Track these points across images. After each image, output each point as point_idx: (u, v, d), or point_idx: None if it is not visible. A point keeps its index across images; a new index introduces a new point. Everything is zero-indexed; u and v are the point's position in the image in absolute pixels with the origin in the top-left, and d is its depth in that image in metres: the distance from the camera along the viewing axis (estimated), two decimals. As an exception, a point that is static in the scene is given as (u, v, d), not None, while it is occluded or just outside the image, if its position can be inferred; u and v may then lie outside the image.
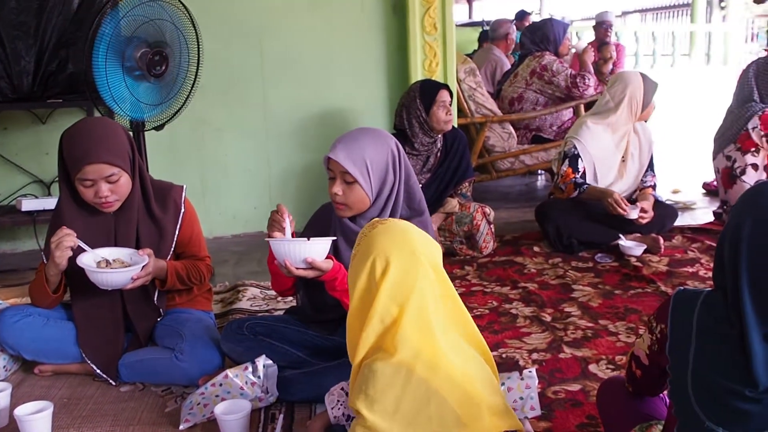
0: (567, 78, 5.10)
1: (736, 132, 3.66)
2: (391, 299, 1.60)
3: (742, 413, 1.42)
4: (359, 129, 2.34)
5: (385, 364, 1.56)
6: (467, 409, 1.59)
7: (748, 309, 1.41)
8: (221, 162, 4.37)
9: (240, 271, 3.83)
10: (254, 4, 4.24)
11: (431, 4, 4.30)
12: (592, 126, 3.96)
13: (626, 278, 3.48)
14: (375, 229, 1.66)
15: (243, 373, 2.29)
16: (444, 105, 3.80)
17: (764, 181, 1.49)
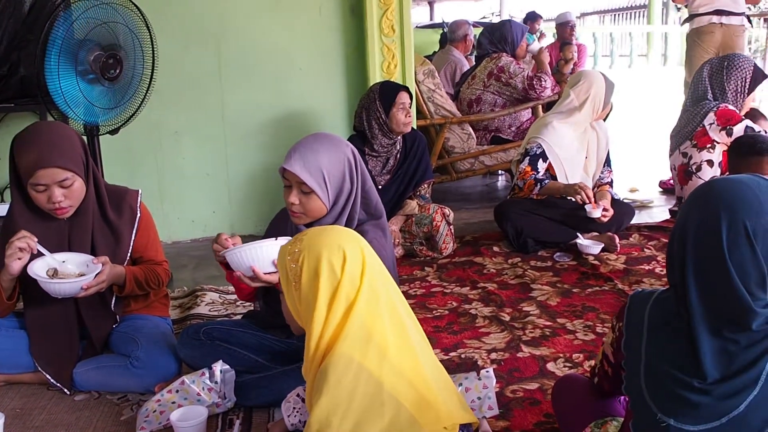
0: (524, 80, 5.14)
1: (692, 129, 3.73)
2: (351, 286, 1.60)
3: (692, 405, 1.45)
4: (315, 137, 2.30)
5: (338, 359, 1.55)
6: (420, 403, 1.59)
7: (695, 303, 1.44)
8: (179, 166, 4.32)
9: (199, 275, 3.79)
10: (211, 7, 4.20)
11: (389, 6, 4.30)
12: (557, 126, 4.00)
13: (584, 277, 3.52)
14: (305, 239, 1.65)
15: (200, 378, 2.28)
16: (404, 107, 3.81)
17: (714, 178, 1.52)
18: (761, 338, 1.42)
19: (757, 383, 1.41)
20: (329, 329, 1.59)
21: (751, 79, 3.68)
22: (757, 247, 1.40)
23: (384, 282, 1.67)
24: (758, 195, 1.43)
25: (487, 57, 5.34)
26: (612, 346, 1.66)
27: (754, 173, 2.77)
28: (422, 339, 1.72)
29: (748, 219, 1.40)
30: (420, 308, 3.19)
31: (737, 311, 1.41)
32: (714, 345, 1.43)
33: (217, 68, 4.26)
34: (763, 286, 1.44)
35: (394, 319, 1.64)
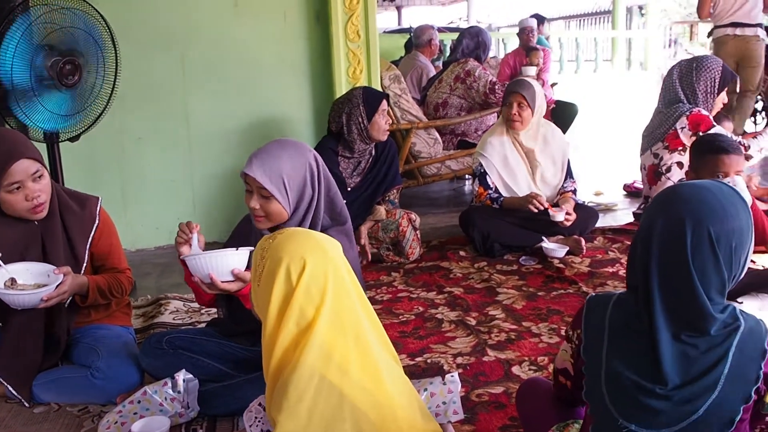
0: (486, 84, 5.17)
1: (664, 131, 3.76)
2: (307, 301, 1.58)
3: (653, 410, 1.45)
4: (278, 142, 2.29)
5: (299, 375, 1.54)
6: (383, 418, 1.58)
7: (658, 308, 1.44)
8: (143, 172, 4.27)
9: (163, 283, 3.75)
10: (175, 12, 4.17)
11: (354, 11, 4.30)
12: (492, 140, 4.06)
13: (549, 280, 3.54)
14: (277, 239, 1.64)
15: (162, 388, 2.25)
16: (384, 114, 3.83)
17: (678, 183, 1.53)
18: (720, 342, 1.44)
19: (716, 387, 1.42)
20: (282, 337, 1.57)
21: (720, 79, 3.70)
22: (719, 253, 1.42)
23: (351, 297, 1.65)
24: (721, 201, 1.45)
25: (455, 62, 5.37)
26: (571, 358, 1.64)
27: (713, 177, 2.83)
28: (387, 352, 1.71)
29: (712, 225, 1.41)
30: (386, 313, 3.18)
31: (697, 316, 1.43)
32: (674, 349, 1.44)
33: (181, 74, 4.22)
34: (722, 292, 1.46)
35: (359, 337, 1.62)
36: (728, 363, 1.42)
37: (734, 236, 1.43)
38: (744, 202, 1.49)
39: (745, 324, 1.46)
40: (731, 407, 1.44)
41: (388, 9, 19.62)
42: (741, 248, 1.45)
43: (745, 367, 1.44)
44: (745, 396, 1.44)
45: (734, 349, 1.43)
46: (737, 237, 1.44)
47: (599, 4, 17.97)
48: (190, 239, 2.23)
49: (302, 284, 1.57)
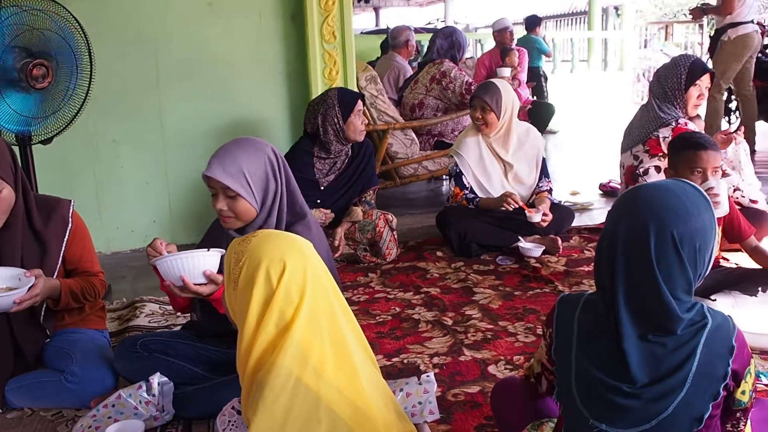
0: (462, 85, 5.19)
1: (646, 134, 3.72)
2: (287, 302, 1.57)
3: (623, 409, 1.46)
4: (234, 141, 2.29)
5: (275, 376, 1.53)
6: (358, 419, 1.58)
7: (623, 310, 1.46)
8: (117, 175, 4.24)
9: (139, 286, 3.72)
10: (148, 13, 4.14)
11: (330, 12, 4.29)
12: (467, 140, 4.09)
13: (526, 279, 3.55)
14: (252, 242, 1.63)
15: (136, 392, 2.23)
16: (360, 114, 3.82)
17: (641, 184, 1.53)
18: (687, 341, 1.45)
19: (684, 385, 1.43)
20: (260, 338, 1.56)
21: (688, 74, 3.69)
22: (683, 255, 1.43)
23: (328, 297, 1.64)
24: (685, 202, 1.46)
25: (430, 63, 5.38)
26: (548, 354, 1.66)
27: (691, 173, 2.85)
28: (364, 352, 1.71)
29: (676, 228, 1.43)
30: (363, 314, 3.18)
31: (663, 317, 1.44)
32: (641, 349, 1.45)
33: (155, 75, 4.20)
34: (689, 291, 1.48)
35: (336, 337, 1.62)
36: (696, 361, 1.44)
37: (698, 236, 1.44)
38: (707, 200, 1.51)
39: (713, 321, 1.47)
40: (700, 405, 1.45)
41: (366, 10, 19.63)
42: (705, 247, 1.47)
43: (713, 364, 1.45)
44: (714, 393, 1.45)
45: (702, 346, 1.45)
46: (701, 237, 1.45)
47: (575, 5, 18.10)
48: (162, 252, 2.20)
49: (282, 286, 1.57)
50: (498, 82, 4.16)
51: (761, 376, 2.43)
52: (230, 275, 1.64)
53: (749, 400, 1.54)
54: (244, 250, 1.61)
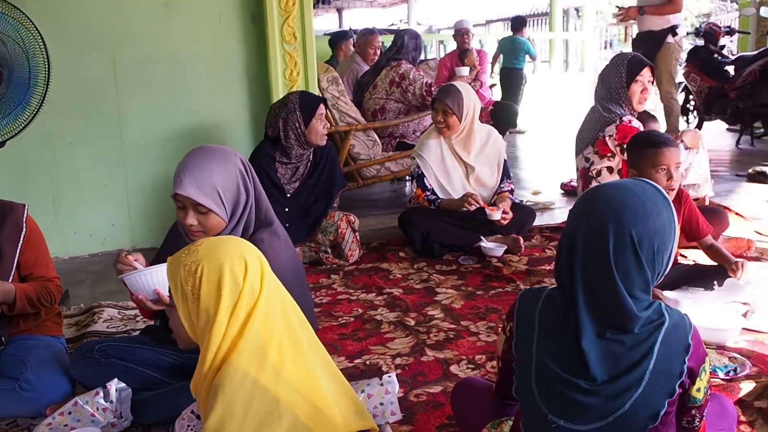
0: (422, 86, 5.19)
1: (593, 136, 3.75)
2: (251, 298, 1.55)
3: (581, 405, 1.47)
4: (202, 153, 2.19)
5: (232, 376, 1.51)
6: (317, 417, 1.57)
7: (582, 308, 1.46)
8: (75, 178, 4.17)
9: (97, 291, 3.66)
10: (104, 13, 4.08)
11: (290, 13, 4.27)
12: (428, 141, 4.10)
13: (488, 279, 3.57)
14: (201, 250, 1.58)
15: (93, 399, 2.19)
16: (322, 118, 3.80)
17: (600, 184, 1.55)
18: (644, 339, 1.46)
19: (641, 382, 1.45)
20: (227, 342, 1.53)
21: (627, 70, 3.72)
22: (642, 255, 1.44)
23: (279, 293, 1.64)
24: (643, 201, 1.47)
25: (387, 66, 5.37)
26: (504, 349, 1.67)
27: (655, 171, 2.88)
28: (317, 348, 1.70)
29: (634, 228, 1.44)
30: (326, 316, 3.17)
31: (621, 316, 1.45)
32: (600, 347, 1.46)
33: (113, 77, 4.14)
34: (647, 290, 1.49)
35: (289, 331, 1.61)
36: (653, 358, 1.45)
37: (656, 237, 1.46)
38: (666, 199, 1.52)
39: (670, 320, 1.49)
40: (656, 401, 1.46)
41: (329, 11, 19.59)
42: (664, 247, 1.48)
43: (670, 361, 1.47)
44: (670, 390, 1.47)
45: (659, 344, 1.46)
46: (659, 237, 1.46)
47: (536, 6, 18.25)
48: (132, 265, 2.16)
49: (248, 283, 1.55)
50: (459, 84, 4.17)
51: (717, 371, 2.47)
52: (184, 291, 1.57)
53: (704, 397, 1.56)
54: (197, 260, 1.56)
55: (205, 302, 1.55)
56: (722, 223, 3.91)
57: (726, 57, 8.08)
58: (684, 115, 8.45)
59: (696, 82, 7.94)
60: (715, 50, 7.95)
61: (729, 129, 8.47)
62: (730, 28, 9.09)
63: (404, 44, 5.43)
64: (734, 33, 9.15)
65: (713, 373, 2.45)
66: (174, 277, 1.60)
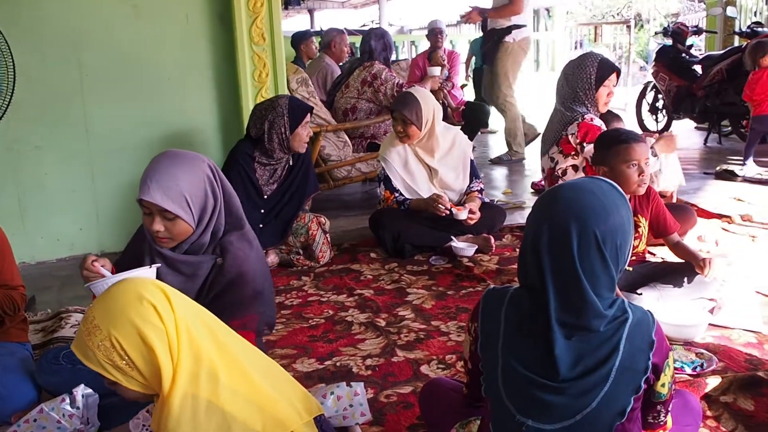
0: (393, 87, 5.19)
1: (557, 136, 3.77)
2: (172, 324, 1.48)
3: (548, 405, 1.48)
4: (169, 157, 2.16)
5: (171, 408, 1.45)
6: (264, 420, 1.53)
7: (553, 309, 1.47)
8: (41, 183, 4.11)
9: (65, 296, 3.61)
10: (69, 15, 4.02)
11: (258, 14, 4.25)
12: (393, 144, 4.11)
13: (458, 278, 3.58)
14: (98, 317, 1.46)
15: (59, 405, 2.16)
16: (307, 126, 3.80)
17: (558, 185, 1.55)
18: (610, 336, 1.47)
19: (608, 380, 1.46)
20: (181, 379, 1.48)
21: (597, 73, 3.76)
22: (606, 253, 1.46)
23: (191, 306, 1.57)
24: (603, 200, 1.48)
25: (360, 66, 5.37)
26: (470, 350, 1.67)
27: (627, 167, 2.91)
28: (244, 346, 1.64)
29: (597, 227, 1.45)
30: (296, 318, 3.16)
31: (588, 315, 1.46)
32: (568, 346, 1.47)
33: (79, 80, 4.09)
34: (611, 288, 1.50)
35: (213, 340, 1.55)
36: (619, 355, 1.46)
37: (618, 233, 1.47)
38: (623, 196, 1.54)
39: (633, 316, 1.50)
40: (622, 398, 1.48)
41: (300, 12, 19.53)
42: (625, 243, 1.50)
43: (635, 358, 1.48)
44: (635, 387, 1.48)
45: (624, 341, 1.47)
46: (621, 233, 1.48)
47: (507, 6, 18.30)
48: (99, 272, 2.13)
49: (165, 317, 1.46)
50: (416, 91, 4.13)
51: (685, 367, 2.49)
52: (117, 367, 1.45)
53: (668, 393, 1.58)
54: (104, 334, 1.44)
55: (142, 362, 1.46)
56: (690, 220, 3.95)
57: (694, 56, 8.18)
58: (653, 113, 8.55)
59: (664, 81, 8.04)
60: (683, 49, 8.06)
61: (697, 127, 8.58)
62: (698, 27, 9.19)
63: (372, 48, 5.43)
64: (701, 32, 9.28)
65: (680, 369, 2.48)
66: (96, 363, 1.46)
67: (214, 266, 2.18)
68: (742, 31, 8.18)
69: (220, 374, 1.50)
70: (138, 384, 1.48)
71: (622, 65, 14.10)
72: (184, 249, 2.17)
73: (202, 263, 2.17)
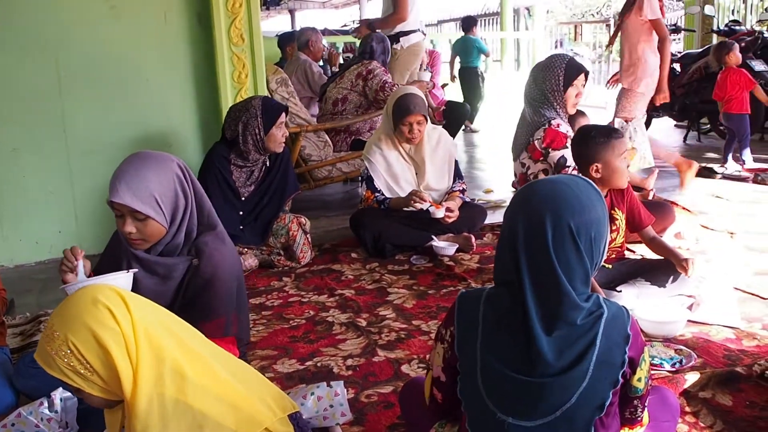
0: (379, 83, 5.17)
1: (525, 141, 3.75)
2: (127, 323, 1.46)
3: (529, 402, 1.48)
4: (137, 159, 2.15)
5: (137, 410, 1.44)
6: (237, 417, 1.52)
7: (531, 305, 1.47)
8: (19, 184, 4.07)
9: (45, 299, 3.58)
10: (46, 15, 3.99)
11: (237, 14, 4.23)
12: (377, 144, 4.11)
13: (439, 278, 3.58)
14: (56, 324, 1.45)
15: (38, 409, 2.15)
16: (282, 126, 3.78)
17: (531, 182, 1.56)
18: (587, 330, 1.48)
19: (587, 375, 1.46)
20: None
21: (565, 75, 3.74)
22: (581, 245, 1.47)
23: (150, 307, 1.56)
24: (578, 194, 1.50)
25: (359, 62, 5.37)
26: (445, 358, 1.64)
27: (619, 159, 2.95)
28: (211, 346, 1.63)
29: (572, 219, 1.46)
30: (277, 319, 3.15)
31: (565, 308, 1.46)
32: (548, 343, 1.47)
33: (57, 80, 4.05)
34: (586, 282, 1.51)
35: (175, 339, 1.53)
36: (596, 350, 1.47)
37: (593, 227, 1.48)
38: (598, 192, 1.55)
39: (608, 311, 1.51)
40: (601, 392, 1.48)
41: (281, 12, 19.50)
42: (600, 237, 1.51)
43: (612, 352, 1.49)
44: (613, 380, 1.49)
45: (600, 335, 1.48)
46: (596, 228, 1.49)
47: (488, 6, 18.40)
48: (76, 267, 2.12)
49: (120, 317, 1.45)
50: (412, 89, 4.14)
51: (664, 363, 2.51)
52: (77, 373, 1.44)
53: (645, 387, 1.59)
54: (62, 339, 1.43)
55: (101, 366, 1.45)
56: (668, 216, 3.98)
57: (673, 55, 8.23)
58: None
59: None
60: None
61: (677, 125, 8.65)
62: (676, 26, 9.26)
63: (373, 49, 5.44)
64: (680, 31, 9.34)
65: (660, 365, 2.50)
66: (57, 370, 1.46)
67: (189, 267, 2.17)
68: (720, 29, 8.26)
69: (186, 372, 1.49)
70: (100, 389, 1.47)
71: (602, 64, 14.19)
72: (159, 250, 2.17)
73: (178, 264, 2.17)
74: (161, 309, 1.59)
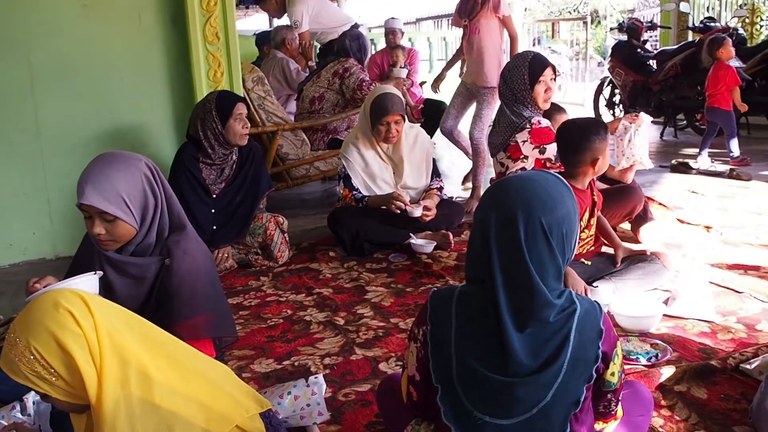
0: (356, 81, 5.16)
1: (505, 141, 3.74)
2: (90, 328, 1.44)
3: (506, 400, 1.49)
4: (104, 159, 2.12)
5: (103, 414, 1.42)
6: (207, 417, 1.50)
7: (503, 302, 1.47)
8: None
9: (19, 302, 3.53)
10: (19, 13, 3.93)
11: (212, 13, 4.19)
12: (354, 143, 4.10)
13: (417, 275, 3.58)
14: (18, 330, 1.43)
15: (10, 413, 2.13)
16: (240, 118, 3.74)
17: (502, 178, 1.56)
18: (560, 327, 1.48)
19: (561, 371, 1.47)
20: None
21: (530, 72, 3.71)
22: (552, 242, 1.46)
23: (111, 308, 1.53)
24: (549, 190, 1.50)
25: (335, 60, 5.36)
26: (419, 357, 1.63)
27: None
28: (178, 345, 1.61)
29: (543, 216, 1.46)
30: (254, 319, 3.13)
31: (538, 305, 1.46)
32: (521, 340, 1.47)
33: (29, 81, 4.00)
34: (559, 278, 1.51)
35: (139, 340, 1.51)
36: (570, 346, 1.47)
37: (564, 223, 1.48)
38: (568, 188, 1.55)
39: (581, 306, 1.51)
40: (576, 388, 1.49)
41: (259, 12, 19.40)
42: (571, 233, 1.51)
43: (585, 348, 1.49)
44: (587, 376, 1.50)
45: (574, 331, 1.48)
46: (567, 223, 1.49)
47: (466, 4, 18.38)
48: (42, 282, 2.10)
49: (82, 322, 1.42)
50: (388, 89, 4.13)
51: (640, 357, 2.52)
52: (41, 378, 1.42)
53: (618, 381, 1.59)
54: (24, 344, 1.41)
55: (65, 370, 1.43)
56: (632, 198, 3.89)
57: (649, 51, 8.30)
58: (610, 108, 8.66)
59: (620, 76, 8.15)
60: (638, 45, 8.17)
61: (653, 121, 8.70)
62: (652, 23, 9.33)
63: (347, 47, 5.43)
64: (656, 28, 9.43)
65: (636, 359, 2.51)
66: (21, 376, 1.43)
67: (162, 267, 2.15)
68: (695, 26, 8.33)
69: (152, 374, 1.47)
70: (65, 393, 1.45)
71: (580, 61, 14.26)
72: (131, 251, 2.14)
73: (150, 264, 2.14)
74: (125, 311, 1.57)
